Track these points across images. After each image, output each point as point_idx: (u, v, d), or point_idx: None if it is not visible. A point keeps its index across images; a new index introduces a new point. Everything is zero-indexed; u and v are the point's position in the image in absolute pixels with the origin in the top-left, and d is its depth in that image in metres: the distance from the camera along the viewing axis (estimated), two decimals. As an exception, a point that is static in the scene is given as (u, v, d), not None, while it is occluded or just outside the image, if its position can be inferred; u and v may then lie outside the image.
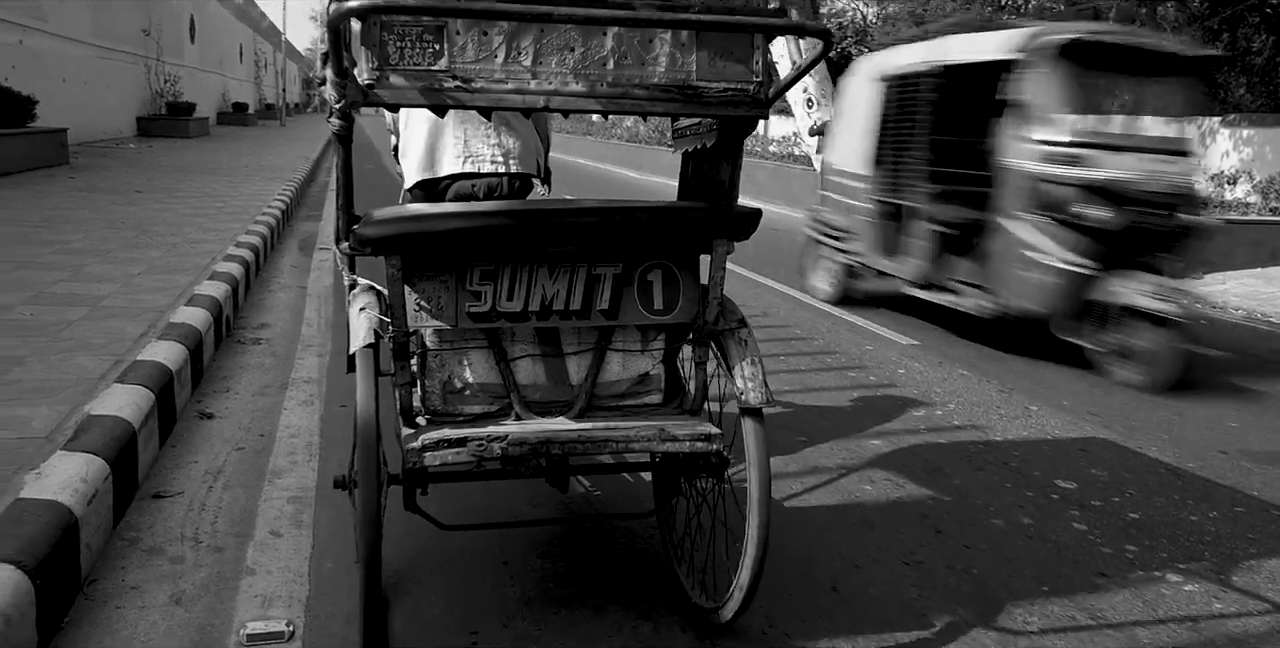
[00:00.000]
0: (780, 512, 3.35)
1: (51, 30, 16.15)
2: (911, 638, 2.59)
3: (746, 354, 2.47)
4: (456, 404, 2.49)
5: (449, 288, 2.35)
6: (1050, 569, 3.02)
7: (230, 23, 36.67)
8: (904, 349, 5.89)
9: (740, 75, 2.21)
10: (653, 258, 2.46)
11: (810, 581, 2.86)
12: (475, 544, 3.00)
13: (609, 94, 2.12)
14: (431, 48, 2.01)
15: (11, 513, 2.50)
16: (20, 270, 5.60)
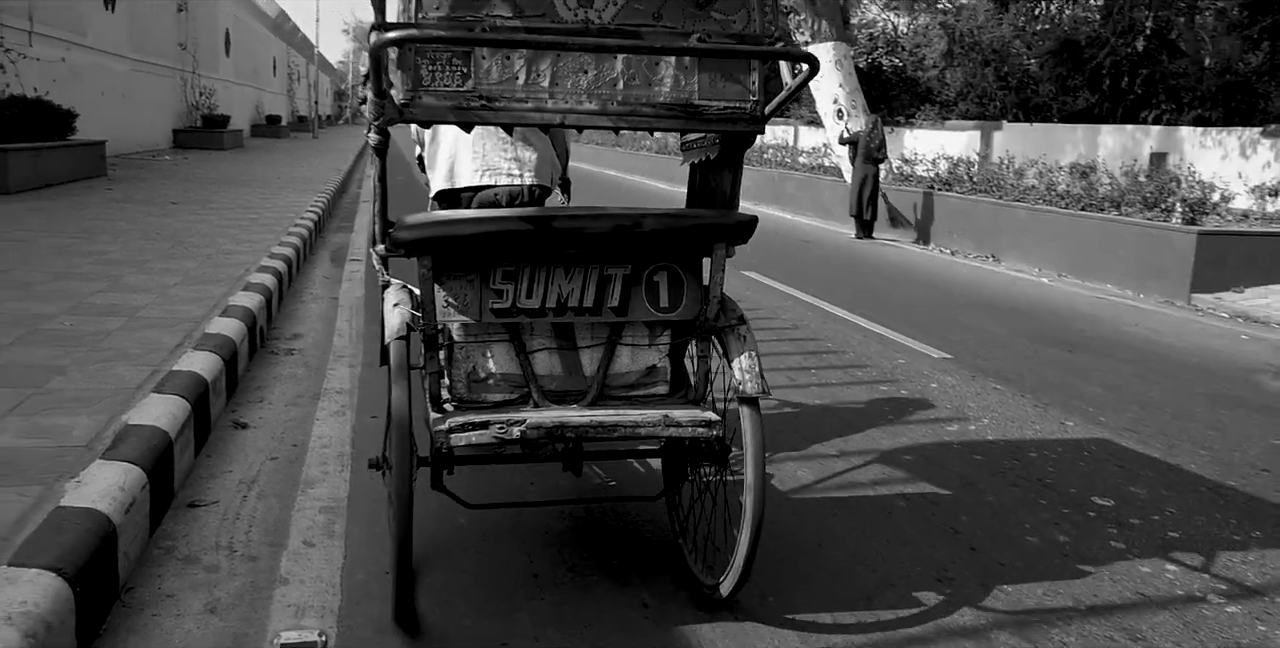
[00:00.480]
0: (812, 526, 3.33)
1: (91, 45, 16.46)
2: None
3: (745, 349, 2.66)
4: (480, 392, 2.69)
5: (474, 286, 2.58)
6: (1087, 588, 2.97)
7: (264, 36, 37.19)
8: (936, 362, 5.84)
9: (738, 95, 2.48)
10: (659, 260, 2.67)
11: (843, 596, 2.84)
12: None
13: (619, 112, 2.40)
14: (460, 71, 2.29)
15: (52, 521, 2.53)
16: (61, 281, 5.70)
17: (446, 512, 3.04)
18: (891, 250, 11.93)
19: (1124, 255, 9.62)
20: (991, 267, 10.90)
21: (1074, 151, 16.69)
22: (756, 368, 2.62)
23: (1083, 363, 6.09)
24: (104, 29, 17.25)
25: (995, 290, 9.08)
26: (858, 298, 7.98)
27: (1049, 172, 12.65)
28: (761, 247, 11.15)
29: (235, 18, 30.60)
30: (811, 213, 15.87)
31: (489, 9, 2.28)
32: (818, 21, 14.70)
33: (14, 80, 12.04)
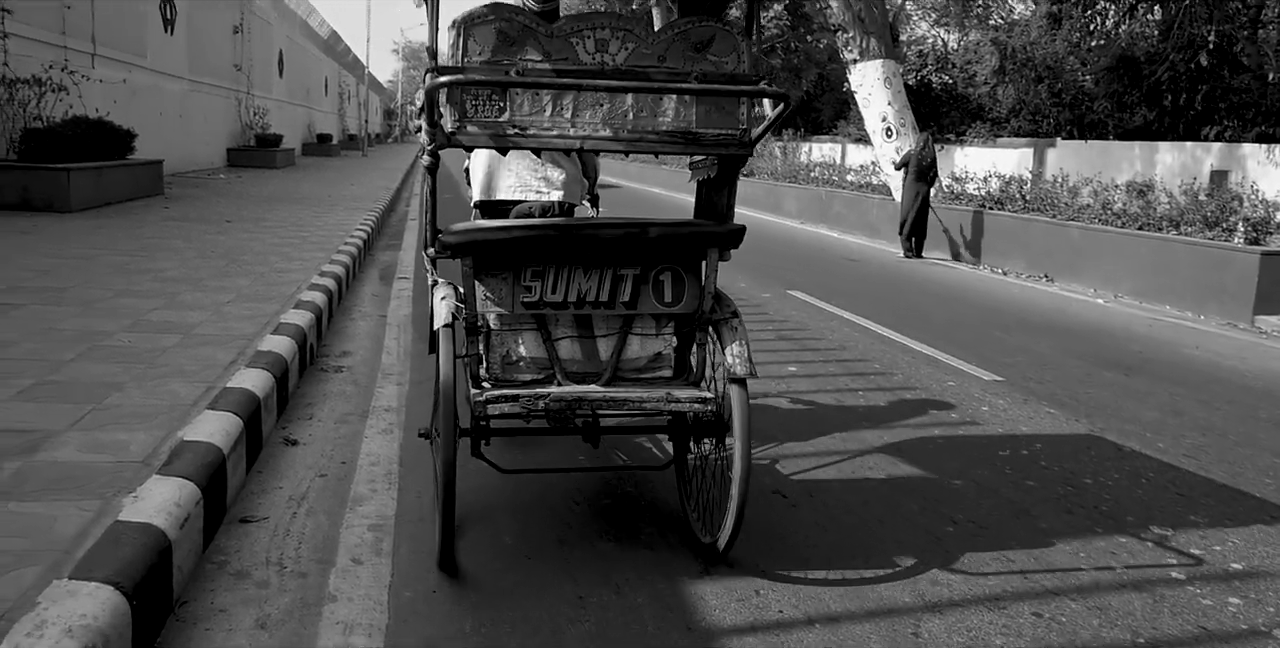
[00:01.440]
0: (860, 552, 3.29)
1: (150, 66, 16.91)
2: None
3: (736, 337, 3.07)
4: (512, 373, 3.19)
5: (508, 283, 3.07)
6: (1146, 621, 2.89)
7: (316, 57, 37.96)
8: (987, 385, 5.74)
9: (730, 124, 2.98)
10: (664, 262, 3.14)
11: (891, 625, 2.79)
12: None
13: (629, 138, 2.92)
14: (497, 105, 2.83)
15: (110, 535, 2.58)
16: (120, 298, 5.83)
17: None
18: (941, 270, 11.78)
19: (1183, 276, 9.42)
20: (1044, 287, 10.71)
21: (1130, 169, 16.41)
22: (745, 353, 3.03)
23: (1140, 386, 5.95)
24: (163, 51, 17.72)
25: (1048, 311, 8.92)
26: (906, 318, 7.89)
27: (1104, 190, 12.44)
28: (808, 266, 11.11)
29: (289, 39, 31.28)
30: (859, 232, 15.74)
31: (522, 54, 2.81)
32: (866, 39, 14.66)
33: (77, 101, 12.39)
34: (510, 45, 2.82)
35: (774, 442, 4.44)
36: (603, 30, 2.88)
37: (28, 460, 3.12)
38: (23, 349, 4.48)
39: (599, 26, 2.88)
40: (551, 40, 2.86)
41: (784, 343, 6.69)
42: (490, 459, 3.28)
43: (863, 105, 15.20)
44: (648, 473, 3.95)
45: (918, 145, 12.88)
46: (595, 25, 2.89)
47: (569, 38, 2.87)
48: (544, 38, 2.85)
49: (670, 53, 2.91)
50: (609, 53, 2.88)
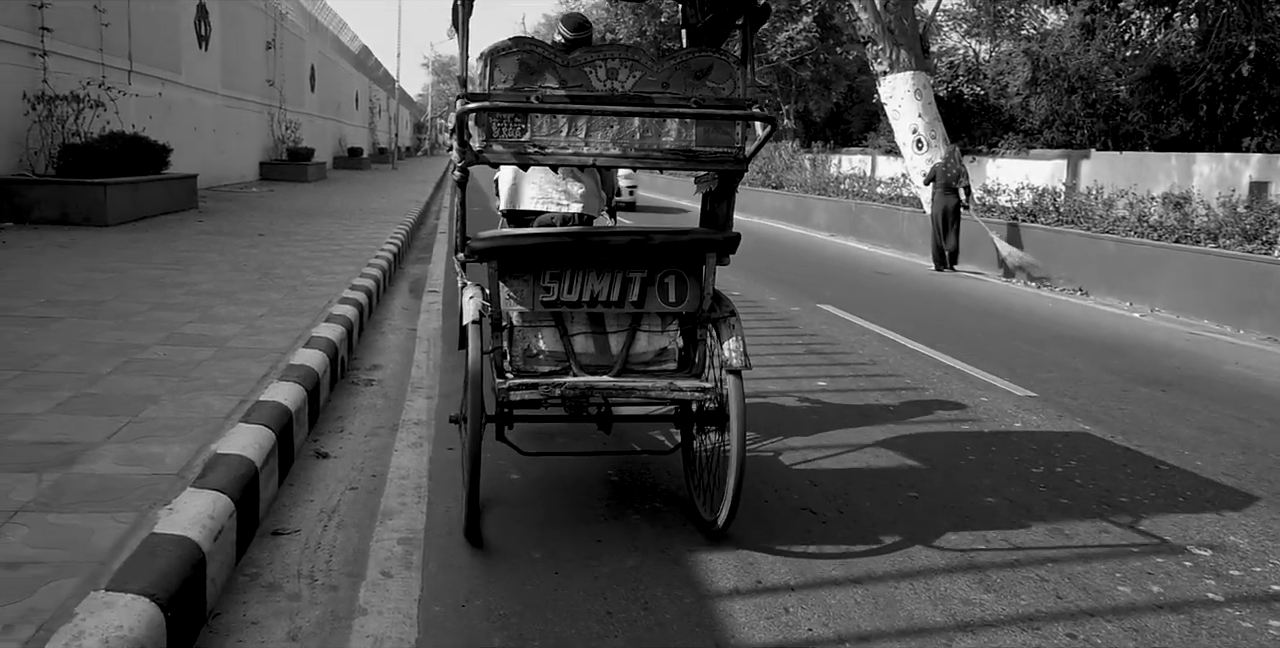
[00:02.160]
0: (891, 570, 3.26)
1: (185, 82, 17.19)
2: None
3: (733, 334, 3.38)
4: (532, 364, 3.51)
5: (528, 284, 3.41)
6: (1183, 643, 2.84)
7: (347, 71, 38.43)
8: (1020, 400, 5.68)
9: (726, 143, 3.29)
10: (668, 266, 3.48)
11: (922, 644, 2.76)
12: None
13: (636, 155, 3.25)
14: (519, 127, 3.18)
15: (146, 547, 2.61)
16: (156, 311, 5.91)
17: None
18: (972, 283, 11.69)
19: (1222, 290, 9.28)
20: (1079, 300, 10.60)
21: (1167, 181, 16.22)
22: (741, 348, 3.34)
23: (1177, 403, 5.86)
24: (197, 67, 18.01)
25: (1083, 325, 8.82)
26: (937, 332, 7.83)
27: (1140, 202, 12.29)
28: (838, 279, 11.06)
29: (320, 54, 31.70)
30: (890, 244, 15.65)
31: (541, 82, 3.16)
32: (896, 51, 14.63)
33: (114, 117, 12.61)
34: (531, 74, 3.17)
35: (804, 458, 4.42)
36: (613, 60, 3.22)
37: (66, 472, 3.16)
38: (61, 362, 4.55)
39: (609, 57, 3.22)
40: (567, 69, 3.20)
41: (814, 357, 6.65)
42: (512, 442, 3.63)
43: (893, 117, 15.15)
44: (655, 458, 4.29)
45: (944, 158, 12.79)
46: (606, 56, 3.22)
47: (583, 67, 3.20)
48: (561, 67, 3.19)
49: (673, 80, 3.24)
50: (618, 80, 3.22)
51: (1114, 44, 19.77)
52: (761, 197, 22.07)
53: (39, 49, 11.27)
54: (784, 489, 3.99)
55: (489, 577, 3.07)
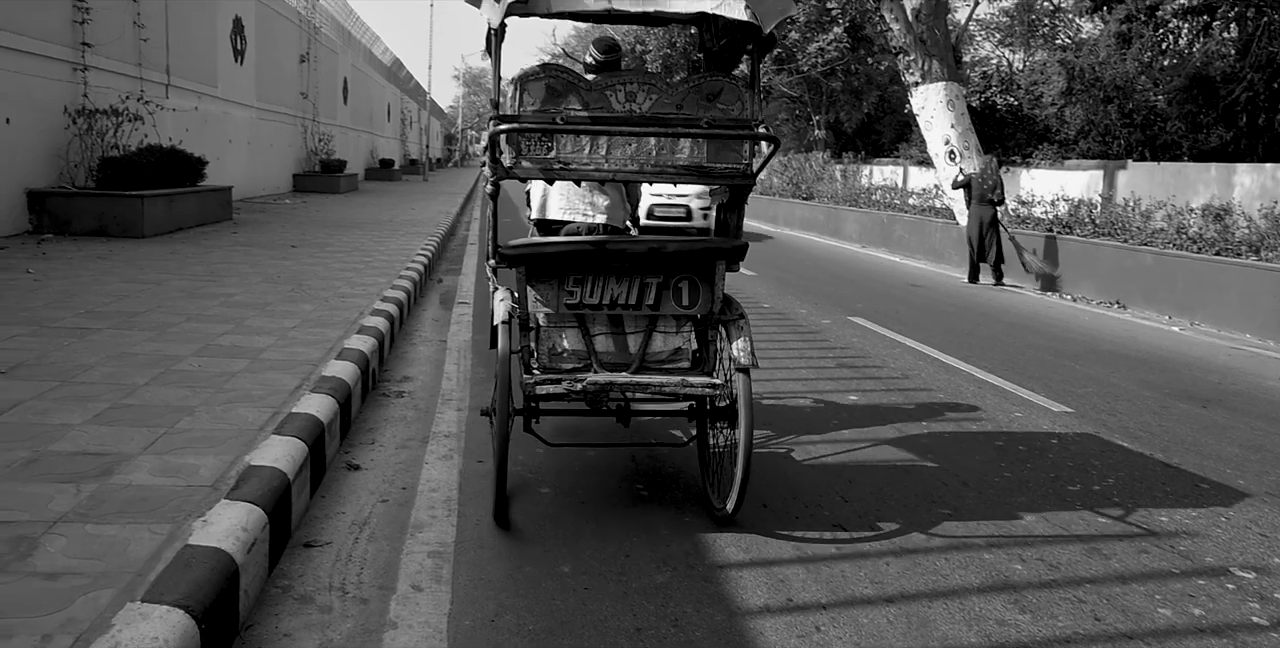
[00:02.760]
0: (925, 590, 3.21)
1: (221, 95, 17.44)
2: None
3: (741, 334, 3.63)
4: (557, 362, 3.76)
5: (554, 288, 3.67)
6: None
7: (380, 84, 38.84)
8: (1056, 417, 5.60)
9: (734, 159, 3.62)
10: (681, 272, 3.72)
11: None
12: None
13: (652, 171, 3.57)
14: (546, 144, 3.51)
15: (181, 559, 2.63)
16: (191, 323, 5.98)
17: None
18: (1007, 295, 11.56)
19: (1265, 304, 9.11)
20: (1116, 314, 10.43)
21: (1206, 192, 15.94)
22: (749, 347, 3.59)
23: (1218, 420, 5.75)
24: (233, 80, 18.28)
25: (1120, 339, 8.69)
26: (971, 346, 7.75)
27: (1179, 214, 12.11)
28: (870, 291, 10.99)
29: (354, 67, 32.07)
30: (922, 256, 15.54)
31: (566, 104, 3.48)
32: (928, 61, 14.55)
33: (151, 130, 12.81)
34: (557, 97, 3.48)
35: (835, 473, 4.38)
36: (631, 85, 3.52)
37: (104, 483, 3.19)
38: (99, 373, 4.61)
39: (628, 81, 3.52)
40: (590, 93, 3.50)
41: (845, 371, 6.61)
42: (539, 434, 3.97)
43: (925, 128, 15.07)
44: (671, 451, 4.62)
45: (980, 168, 12.63)
46: (625, 80, 3.51)
47: (604, 90, 3.50)
48: (584, 91, 3.50)
49: (686, 102, 3.54)
50: (636, 102, 3.52)
51: (1151, 53, 19.49)
52: (792, 208, 22.02)
53: (80, 64, 11.48)
54: (815, 505, 3.95)
55: (519, 592, 3.06)
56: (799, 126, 36.28)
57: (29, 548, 2.68)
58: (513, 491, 3.95)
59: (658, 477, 4.24)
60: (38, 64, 10.66)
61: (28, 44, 10.41)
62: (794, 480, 4.25)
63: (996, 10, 39.07)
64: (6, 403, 4.02)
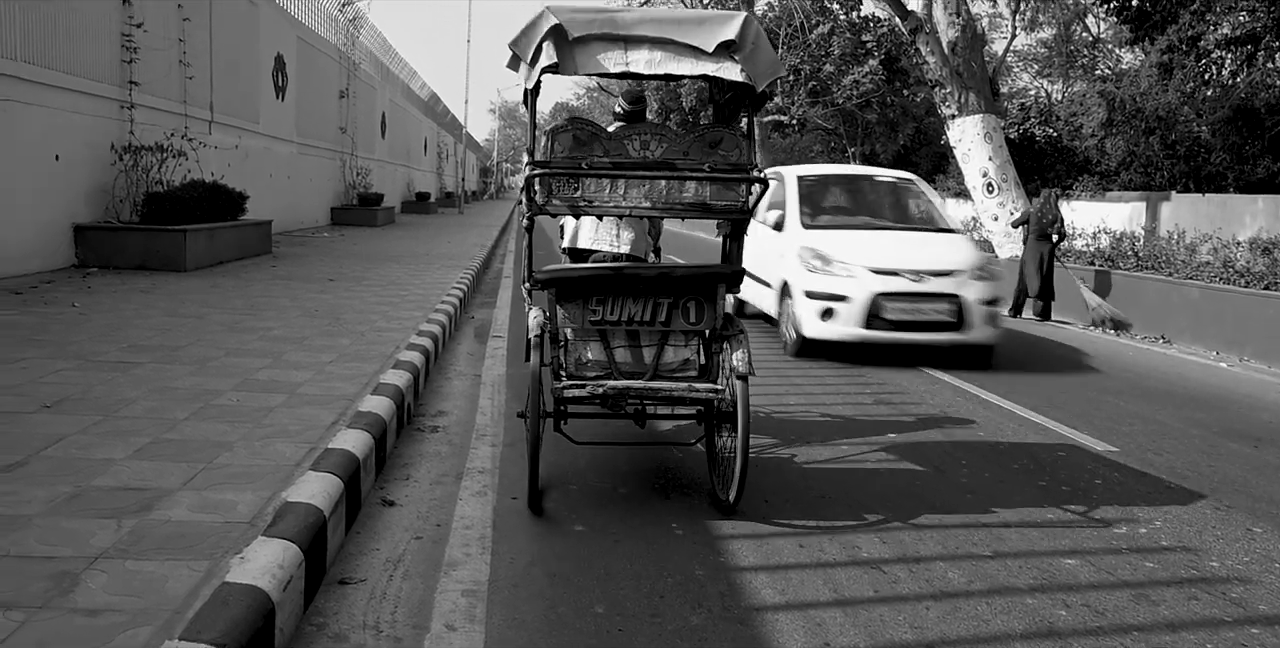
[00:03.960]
0: (965, 634, 3.14)
1: (262, 131, 17.80)
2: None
3: (741, 347, 4.13)
4: (582, 371, 4.35)
5: (580, 307, 4.24)
6: (1289, 723, 2.67)
7: (417, 118, 39.45)
8: (1100, 456, 5.48)
9: (733, 198, 4.23)
10: (689, 294, 4.28)
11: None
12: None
13: (663, 208, 4.19)
14: (573, 185, 4.12)
15: (218, 596, 2.64)
16: (231, 357, 6.06)
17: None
18: (1050, 330, 11.39)
19: (1317, 340, 8.88)
20: (1162, 349, 10.21)
21: (1254, 224, 15.66)
22: (747, 358, 4.09)
23: (1271, 460, 5.60)
24: (274, 116, 18.66)
25: (1167, 375, 8.51)
26: (1011, 382, 7.63)
27: (1225, 247, 11.89)
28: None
29: (391, 102, 32.63)
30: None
31: (590, 152, 4.12)
32: (964, 94, 14.53)
33: (195, 165, 13.09)
34: (583, 146, 4.12)
35: (874, 515, 4.31)
36: (645, 135, 4.17)
37: (144, 519, 3.22)
38: (141, 407, 4.67)
39: (643, 132, 4.18)
40: (610, 142, 4.14)
41: (883, 408, 6.53)
42: (567, 434, 4.45)
43: (962, 161, 15.02)
44: (683, 449, 5.18)
45: (1039, 203, 12.20)
46: (640, 132, 4.19)
47: (622, 140, 4.15)
48: (605, 140, 4.14)
49: (692, 149, 4.15)
50: (649, 150, 4.16)
51: (1194, 84, 19.32)
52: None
53: (127, 102, 11.79)
54: (853, 547, 3.89)
55: (551, 631, 3.03)
56: (834, 158, 36.32)
57: (71, 584, 2.70)
58: (546, 530, 3.96)
59: (687, 514, 4.19)
60: (87, 102, 10.96)
61: (78, 83, 10.71)
62: (831, 521, 4.19)
63: (1034, 41, 39.07)
64: (51, 437, 4.09)
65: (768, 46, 4.25)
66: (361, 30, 26.56)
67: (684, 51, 4.13)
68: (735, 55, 4.11)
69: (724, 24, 4.12)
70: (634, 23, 4.13)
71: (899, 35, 27.67)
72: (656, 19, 4.19)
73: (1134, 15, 19.23)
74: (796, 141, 39.22)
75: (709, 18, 4.18)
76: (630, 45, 4.11)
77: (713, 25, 4.13)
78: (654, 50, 4.12)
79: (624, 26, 4.11)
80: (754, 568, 3.63)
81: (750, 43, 4.12)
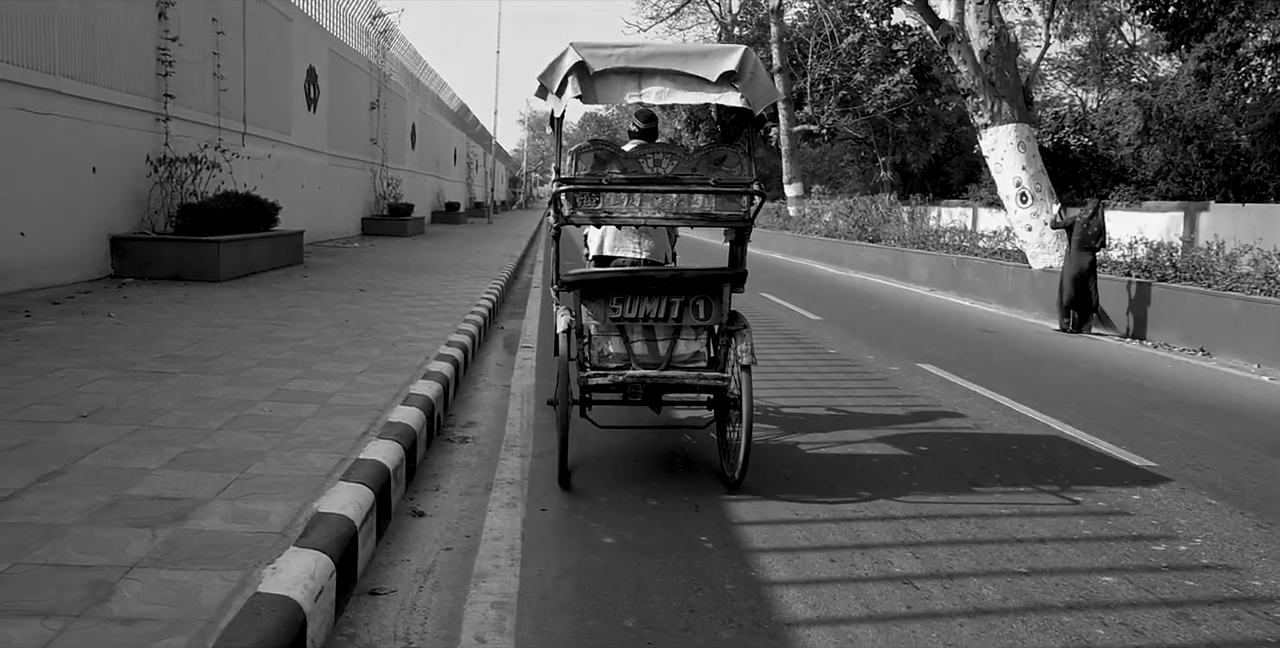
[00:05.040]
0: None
1: (294, 142, 18.02)
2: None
3: (745, 340, 4.64)
4: (603, 362, 4.88)
5: (601, 305, 4.83)
6: (1337, 749, 2.60)
7: (446, 129, 39.75)
8: (1137, 472, 5.38)
9: (736, 208, 4.76)
10: (699, 294, 4.86)
11: None
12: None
13: (674, 218, 4.71)
14: (594, 199, 4.66)
15: (251, 607, 2.65)
16: (263, 367, 6.11)
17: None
18: (1084, 342, 11.23)
19: (1362, 353, 8.66)
20: (1201, 362, 9.99)
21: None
22: (750, 350, 4.58)
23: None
24: (306, 127, 18.88)
25: (1206, 389, 8.33)
26: (1046, 396, 7.52)
27: (1267, 257, 11.65)
28: (939, 337, 10.77)
29: (421, 113, 32.91)
30: (993, 300, 15.21)
31: (610, 170, 4.64)
32: (997, 103, 14.39)
33: (228, 177, 13.26)
34: (603, 164, 4.64)
35: (905, 528, 4.27)
36: (658, 154, 4.68)
37: (178, 528, 3.25)
38: (175, 417, 4.72)
39: (655, 152, 4.68)
40: (627, 160, 4.64)
41: (916, 421, 6.46)
42: (592, 419, 5.01)
43: (995, 171, 14.87)
44: (692, 427, 5.84)
45: (1085, 212, 11.86)
46: (653, 151, 4.69)
47: (638, 159, 4.65)
48: (622, 159, 4.64)
49: (700, 166, 4.66)
50: (661, 167, 4.65)
51: (1233, 92, 19.01)
52: (858, 250, 21.85)
53: (162, 114, 11.98)
54: (885, 562, 3.85)
55: (581, 645, 3.02)
56: (864, 168, 36.20)
57: (107, 593, 2.73)
58: (576, 542, 3.95)
59: (717, 527, 4.16)
60: (123, 115, 11.15)
61: (115, 96, 10.90)
62: (861, 533, 4.15)
63: (1069, 49, 38.76)
64: (88, 447, 4.14)
65: (764, 75, 4.79)
66: (392, 42, 26.84)
67: (691, 82, 4.66)
68: (736, 84, 4.63)
69: (725, 56, 4.63)
70: (647, 57, 4.66)
71: (930, 44, 27.57)
72: (666, 53, 4.71)
73: (1171, 22, 19.00)
74: (827, 151, 39.14)
75: (712, 51, 4.72)
76: (644, 78, 4.66)
77: (715, 58, 4.64)
78: (664, 82, 4.66)
79: (638, 60, 4.64)
80: (785, 583, 3.60)
81: (749, 72, 4.64)
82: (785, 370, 8.20)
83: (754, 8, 39.49)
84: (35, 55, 9.39)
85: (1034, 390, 7.68)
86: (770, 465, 5.14)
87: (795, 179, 32.43)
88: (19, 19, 9.14)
